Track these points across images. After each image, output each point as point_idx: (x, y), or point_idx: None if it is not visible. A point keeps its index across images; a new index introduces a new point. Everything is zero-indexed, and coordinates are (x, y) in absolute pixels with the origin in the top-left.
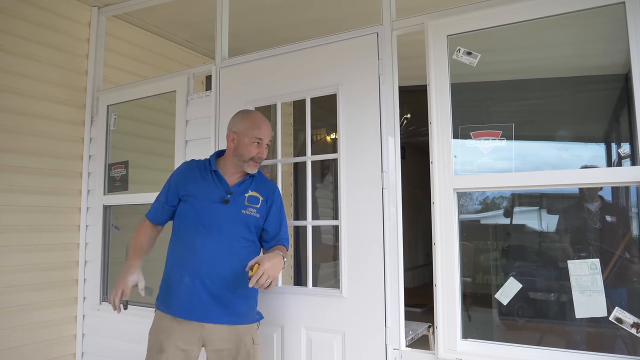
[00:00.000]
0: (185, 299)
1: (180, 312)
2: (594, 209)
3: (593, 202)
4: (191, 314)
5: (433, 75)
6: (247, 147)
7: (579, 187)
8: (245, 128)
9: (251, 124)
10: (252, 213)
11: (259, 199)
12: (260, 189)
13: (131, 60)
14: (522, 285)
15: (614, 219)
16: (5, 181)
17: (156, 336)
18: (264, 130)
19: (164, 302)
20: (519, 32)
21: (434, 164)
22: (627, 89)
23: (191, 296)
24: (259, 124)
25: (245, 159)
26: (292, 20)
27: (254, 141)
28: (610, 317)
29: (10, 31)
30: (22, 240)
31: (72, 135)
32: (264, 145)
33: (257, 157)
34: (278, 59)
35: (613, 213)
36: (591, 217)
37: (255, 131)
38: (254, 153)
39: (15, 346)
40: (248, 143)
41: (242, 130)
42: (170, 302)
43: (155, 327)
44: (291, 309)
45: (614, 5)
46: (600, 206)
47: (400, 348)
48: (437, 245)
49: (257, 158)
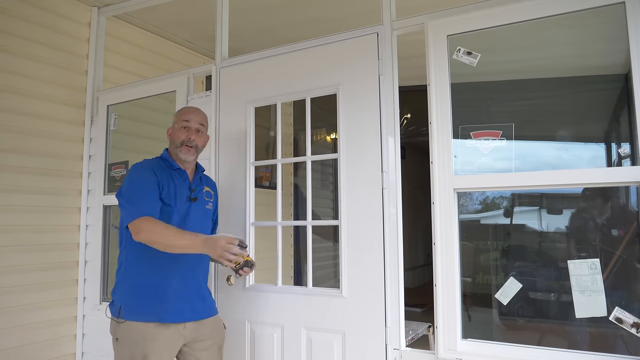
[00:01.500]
0: (174, 303)
1: (170, 317)
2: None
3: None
4: (181, 316)
5: (433, 75)
6: (177, 132)
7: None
8: (176, 118)
9: (180, 113)
10: (210, 207)
11: (211, 193)
12: (208, 183)
13: (131, 60)
14: (522, 285)
15: (616, 221)
16: (5, 181)
17: (135, 345)
18: (191, 114)
19: (142, 309)
20: (519, 32)
21: (434, 164)
22: (627, 89)
23: (181, 299)
24: (186, 110)
25: (177, 144)
26: (292, 20)
27: (182, 125)
28: (610, 317)
29: (10, 31)
30: (22, 240)
31: (72, 135)
32: (193, 129)
33: (187, 139)
34: (278, 59)
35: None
36: (592, 218)
37: (182, 116)
38: (183, 137)
39: (15, 346)
40: (177, 129)
41: (174, 121)
42: (154, 308)
43: (129, 336)
44: (291, 309)
45: (614, 5)
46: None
47: (400, 348)
48: (437, 245)
49: (188, 141)
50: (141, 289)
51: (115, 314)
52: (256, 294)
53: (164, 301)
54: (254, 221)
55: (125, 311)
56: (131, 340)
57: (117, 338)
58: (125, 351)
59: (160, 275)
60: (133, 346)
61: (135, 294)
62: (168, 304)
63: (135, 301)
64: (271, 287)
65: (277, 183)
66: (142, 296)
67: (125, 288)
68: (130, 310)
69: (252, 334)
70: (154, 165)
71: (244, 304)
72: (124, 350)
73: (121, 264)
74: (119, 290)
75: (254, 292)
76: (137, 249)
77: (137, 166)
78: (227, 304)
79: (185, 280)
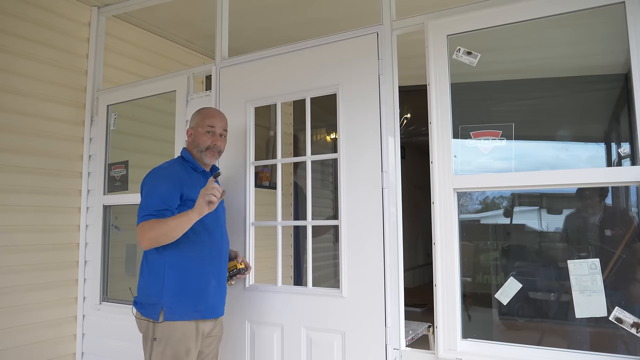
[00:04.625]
0: (214, 299)
1: (210, 313)
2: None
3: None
4: (217, 312)
5: (433, 75)
6: (202, 136)
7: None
8: (199, 120)
9: (204, 116)
10: (223, 205)
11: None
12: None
13: (131, 60)
14: (522, 285)
15: (616, 221)
16: (5, 181)
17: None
18: (215, 119)
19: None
20: (519, 32)
21: (434, 164)
22: (627, 89)
23: (217, 296)
24: (210, 114)
25: (201, 148)
26: (292, 20)
27: (207, 130)
28: (610, 317)
29: (10, 31)
30: (22, 240)
31: (72, 135)
32: (217, 134)
33: (213, 145)
34: (278, 59)
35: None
36: (593, 229)
37: (207, 120)
38: (208, 142)
39: (15, 346)
40: (202, 133)
41: (197, 123)
42: (198, 307)
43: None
44: (291, 309)
45: (614, 5)
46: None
47: (400, 348)
48: (437, 245)
49: (213, 146)
50: (186, 290)
51: (153, 317)
52: (256, 294)
53: (206, 299)
54: (254, 221)
55: (169, 313)
56: (173, 338)
57: (155, 338)
58: (167, 350)
59: (202, 275)
60: (175, 343)
61: (180, 295)
62: (209, 301)
63: (180, 302)
64: (271, 287)
65: (277, 183)
66: (187, 297)
67: (169, 289)
68: (174, 311)
69: (252, 334)
70: (178, 172)
71: (244, 304)
72: (166, 348)
73: (158, 266)
74: (156, 292)
75: (254, 292)
76: (178, 251)
77: (160, 171)
78: (227, 304)
79: (219, 278)
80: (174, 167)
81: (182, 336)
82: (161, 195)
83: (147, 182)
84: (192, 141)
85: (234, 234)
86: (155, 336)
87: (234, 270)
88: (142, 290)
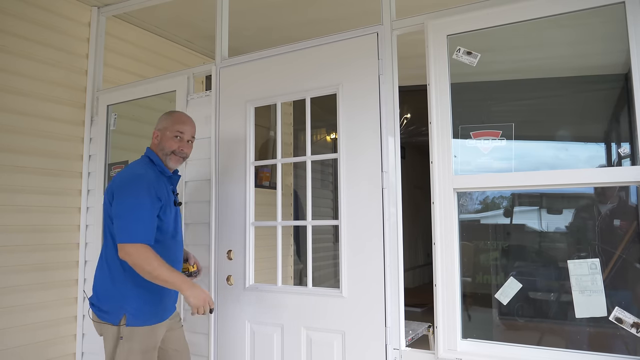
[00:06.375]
0: (168, 301)
1: (166, 314)
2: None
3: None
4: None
5: (433, 75)
6: (169, 140)
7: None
8: (168, 123)
9: (174, 120)
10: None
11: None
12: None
13: (131, 60)
14: (522, 285)
15: (620, 221)
16: (5, 181)
17: (142, 339)
18: (185, 125)
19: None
20: (519, 31)
21: (434, 164)
22: (627, 89)
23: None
24: (181, 119)
25: (166, 152)
26: (292, 20)
27: (175, 135)
28: (610, 317)
29: (10, 31)
30: (22, 240)
31: (72, 135)
32: (185, 140)
33: (179, 150)
34: (278, 59)
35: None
36: (592, 217)
37: (177, 125)
38: (175, 146)
39: (15, 346)
40: (169, 137)
41: (165, 126)
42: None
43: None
44: (291, 309)
45: (614, 5)
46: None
47: (400, 348)
48: (437, 245)
49: (179, 152)
50: (145, 296)
51: (113, 322)
52: (256, 294)
53: (165, 303)
54: (253, 221)
55: (131, 319)
56: (137, 338)
57: (122, 337)
58: (135, 345)
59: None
60: (142, 338)
61: (139, 301)
62: (167, 304)
63: (141, 308)
64: (271, 287)
65: (277, 183)
66: (147, 302)
67: (132, 296)
68: (137, 317)
69: (252, 334)
70: (154, 180)
71: (244, 304)
72: (134, 344)
73: (121, 272)
74: (119, 298)
75: (254, 292)
76: None
77: (140, 180)
78: (227, 304)
79: None
80: (149, 174)
81: (147, 336)
82: (150, 216)
83: (127, 192)
84: (157, 143)
85: (234, 234)
86: (122, 335)
87: (185, 273)
88: (102, 295)
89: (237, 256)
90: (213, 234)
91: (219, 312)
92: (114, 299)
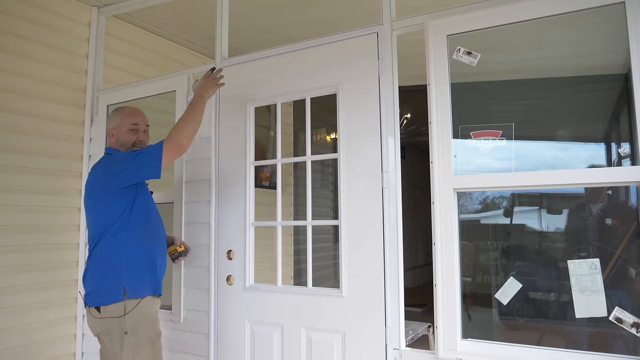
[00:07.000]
0: (159, 277)
1: (160, 289)
2: (596, 210)
3: (597, 203)
4: (160, 288)
5: (433, 75)
6: (127, 135)
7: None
8: (121, 119)
9: (125, 115)
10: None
11: None
12: None
13: (131, 60)
14: (522, 285)
15: (615, 220)
16: (5, 181)
17: (155, 321)
18: (138, 117)
19: (144, 285)
20: (519, 32)
21: (434, 164)
22: (627, 89)
23: (161, 274)
24: (132, 113)
25: (128, 145)
26: (292, 20)
27: (131, 128)
28: (610, 317)
29: (10, 31)
30: (22, 240)
31: (72, 135)
32: (141, 131)
33: (138, 141)
34: (278, 59)
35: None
36: (592, 217)
37: (130, 119)
38: (134, 138)
39: (15, 346)
40: (126, 131)
41: (118, 122)
42: (154, 283)
43: (149, 313)
44: (291, 309)
45: (614, 5)
46: (604, 207)
47: (400, 348)
48: (437, 245)
49: (139, 142)
50: (140, 268)
51: (117, 299)
52: (256, 294)
53: (156, 276)
54: (253, 221)
55: (131, 290)
56: (143, 325)
57: (126, 332)
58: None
59: (150, 254)
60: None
61: (138, 272)
62: (158, 278)
63: (139, 278)
64: (271, 287)
65: (277, 183)
66: (143, 274)
67: (128, 268)
68: (135, 288)
69: (252, 334)
70: None
71: (244, 304)
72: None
73: (115, 249)
74: (116, 274)
75: (254, 292)
76: (131, 231)
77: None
78: (227, 303)
79: (163, 257)
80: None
81: (151, 322)
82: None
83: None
84: (115, 141)
85: (234, 234)
86: (126, 330)
87: (175, 254)
88: (96, 279)
89: (237, 256)
90: (213, 234)
91: (218, 312)
92: (112, 277)
